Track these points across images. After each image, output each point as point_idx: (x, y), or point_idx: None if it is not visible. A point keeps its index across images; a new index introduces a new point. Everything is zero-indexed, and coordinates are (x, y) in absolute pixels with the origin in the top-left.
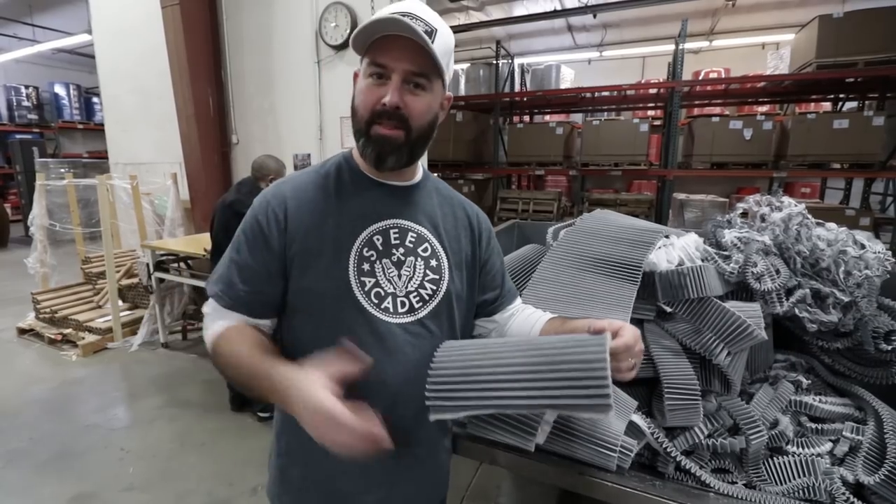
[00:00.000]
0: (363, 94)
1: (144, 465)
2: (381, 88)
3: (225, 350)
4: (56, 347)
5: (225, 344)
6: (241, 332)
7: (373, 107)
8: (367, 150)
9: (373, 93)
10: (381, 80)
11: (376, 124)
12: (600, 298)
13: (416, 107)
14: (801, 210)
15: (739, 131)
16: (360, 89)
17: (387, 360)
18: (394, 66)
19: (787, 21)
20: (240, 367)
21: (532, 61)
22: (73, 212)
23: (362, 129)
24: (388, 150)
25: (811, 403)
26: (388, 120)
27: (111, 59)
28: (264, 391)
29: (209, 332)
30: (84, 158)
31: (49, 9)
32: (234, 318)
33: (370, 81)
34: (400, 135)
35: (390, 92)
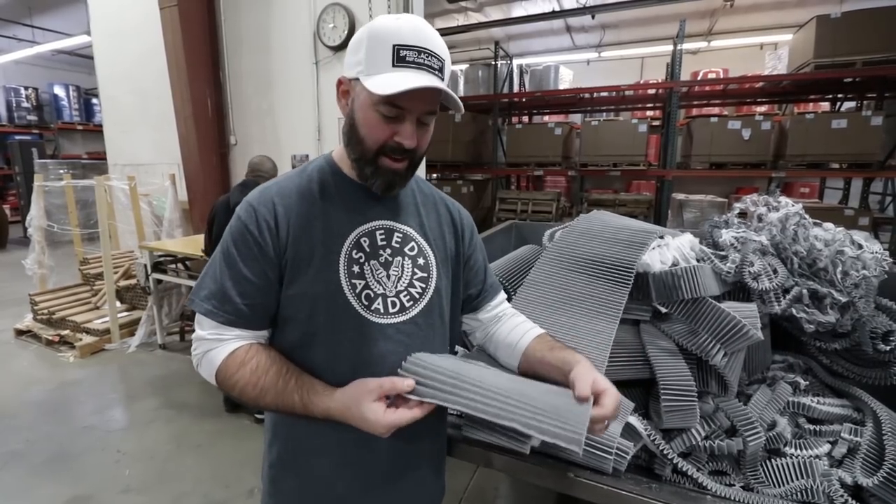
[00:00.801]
0: (373, 129)
1: (141, 467)
2: (393, 125)
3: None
4: (53, 349)
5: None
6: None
7: (384, 141)
8: (375, 181)
9: (384, 129)
10: (394, 119)
11: (385, 156)
12: (589, 303)
13: (423, 142)
14: (799, 210)
15: (738, 131)
16: (367, 120)
17: (380, 362)
18: (412, 108)
19: (784, 21)
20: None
21: (531, 62)
22: (72, 213)
23: (369, 158)
24: (397, 181)
25: (809, 405)
26: (400, 155)
27: (110, 60)
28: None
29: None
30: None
31: (48, 10)
32: (234, 337)
33: (381, 117)
34: (405, 166)
35: (408, 134)
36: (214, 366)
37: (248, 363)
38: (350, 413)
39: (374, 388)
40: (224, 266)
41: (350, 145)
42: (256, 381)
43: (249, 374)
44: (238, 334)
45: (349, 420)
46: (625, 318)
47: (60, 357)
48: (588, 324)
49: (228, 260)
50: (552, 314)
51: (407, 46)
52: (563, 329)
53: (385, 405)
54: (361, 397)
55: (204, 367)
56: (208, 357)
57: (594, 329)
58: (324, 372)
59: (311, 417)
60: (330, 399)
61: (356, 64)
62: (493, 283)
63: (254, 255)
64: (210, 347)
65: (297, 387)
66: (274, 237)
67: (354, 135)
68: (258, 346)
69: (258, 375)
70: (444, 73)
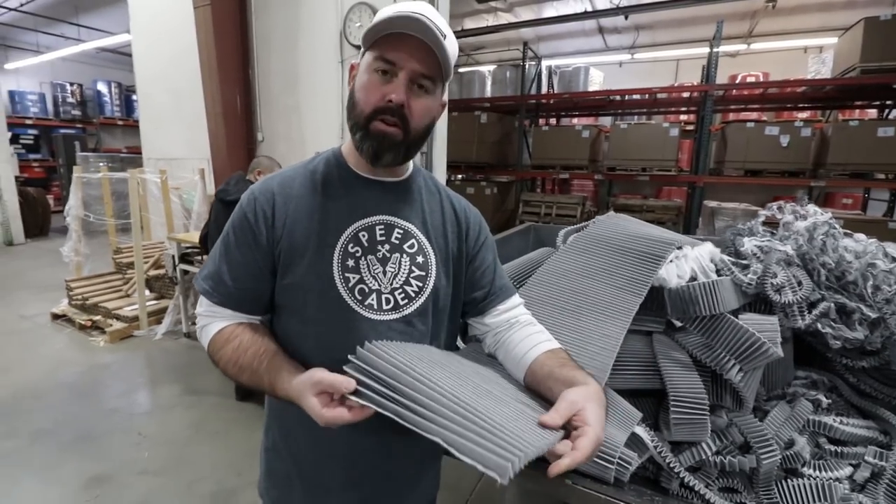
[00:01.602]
0: (366, 89)
1: (160, 451)
2: (385, 85)
3: (224, 356)
4: (86, 333)
5: (222, 349)
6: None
7: (375, 103)
8: (364, 145)
9: (377, 89)
10: (387, 77)
11: (376, 120)
12: (598, 306)
13: (418, 108)
14: (828, 219)
15: (776, 137)
16: (362, 83)
17: None
18: (403, 63)
19: (830, 24)
20: (241, 373)
21: (561, 63)
22: (107, 203)
23: (361, 123)
24: (386, 146)
25: (831, 424)
26: (390, 117)
27: (147, 60)
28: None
29: (203, 333)
30: (122, 153)
31: (93, 9)
32: (226, 316)
33: (375, 77)
34: (398, 132)
35: (397, 89)
36: (206, 340)
37: (232, 341)
38: (300, 402)
39: (316, 381)
40: (223, 250)
41: (349, 117)
42: (237, 359)
43: (231, 352)
44: (230, 315)
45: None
46: (637, 329)
47: (92, 341)
48: (595, 325)
49: (227, 244)
50: (557, 314)
51: (405, 11)
52: (568, 330)
53: (326, 400)
54: (306, 388)
55: (202, 339)
56: (205, 331)
57: (602, 332)
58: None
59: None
60: (289, 385)
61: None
62: (503, 286)
63: (248, 243)
64: (205, 323)
65: (267, 369)
66: (269, 227)
67: (351, 101)
68: (246, 325)
69: (238, 353)
70: (445, 45)
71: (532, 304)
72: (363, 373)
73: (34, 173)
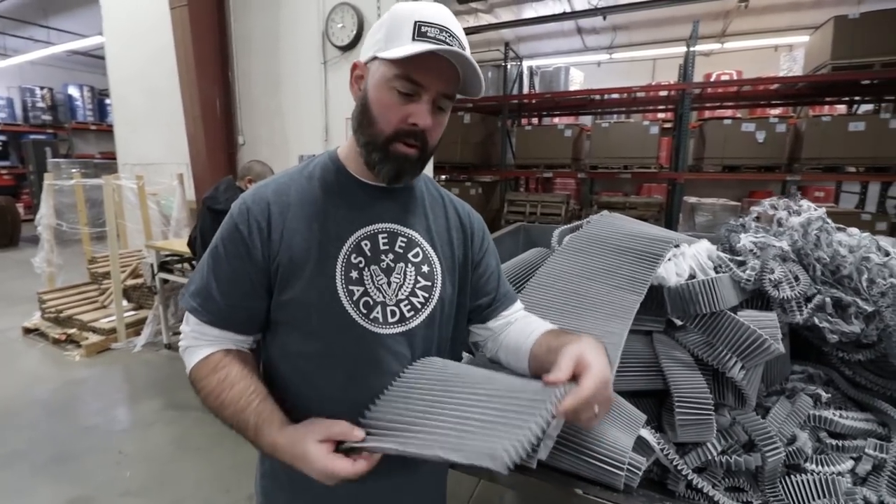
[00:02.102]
0: (386, 107)
1: (142, 469)
2: (408, 106)
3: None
4: (60, 347)
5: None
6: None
7: (398, 124)
8: (383, 168)
9: (400, 109)
10: (409, 98)
11: (398, 142)
12: (600, 307)
13: (437, 129)
14: (822, 214)
15: (752, 134)
16: (381, 100)
17: (377, 374)
18: (430, 85)
19: (800, 23)
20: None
21: (541, 63)
22: (81, 211)
23: (379, 144)
24: (407, 168)
25: (831, 418)
26: (413, 140)
27: (121, 60)
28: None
29: (187, 355)
30: (96, 159)
31: (63, 11)
32: (214, 337)
33: (397, 96)
34: (416, 153)
35: (424, 114)
36: (189, 365)
37: (218, 371)
38: (293, 451)
39: (324, 426)
40: (211, 264)
41: (360, 129)
42: (220, 392)
43: (216, 384)
44: (218, 335)
45: (289, 459)
46: (637, 329)
47: (66, 356)
48: (598, 326)
49: (216, 258)
50: (559, 317)
51: (429, 23)
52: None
53: (331, 448)
54: (308, 434)
55: (185, 359)
56: (188, 354)
57: (605, 329)
58: (318, 381)
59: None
60: (280, 433)
61: (374, 44)
62: (507, 292)
63: (240, 256)
64: (190, 345)
65: (255, 411)
66: (264, 240)
67: (366, 116)
68: (235, 355)
69: (223, 388)
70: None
71: (532, 308)
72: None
73: (3, 181)
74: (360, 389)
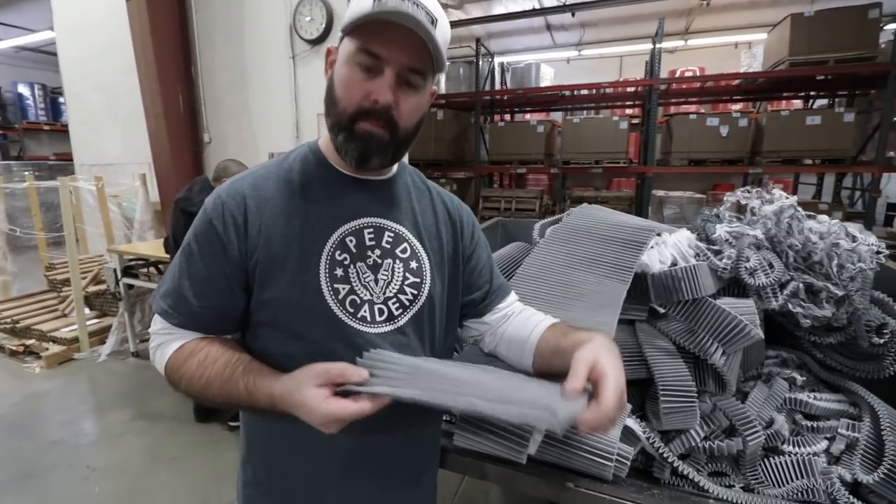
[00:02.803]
0: (346, 85)
1: (112, 484)
2: (370, 82)
3: (186, 371)
4: (18, 359)
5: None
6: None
7: (359, 102)
8: (348, 148)
9: (360, 86)
10: (371, 73)
11: (361, 121)
12: (588, 298)
13: (407, 108)
14: (793, 202)
15: (716, 128)
16: (343, 78)
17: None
18: (390, 58)
19: (759, 21)
20: (208, 387)
21: (512, 60)
22: (36, 216)
23: (344, 123)
24: (374, 148)
25: (806, 401)
26: (376, 118)
27: (73, 55)
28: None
29: (159, 353)
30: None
31: (10, 5)
32: (188, 339)
33: (357, 72)
34: (385, 134)
35: (383, 89)
36: (163, 359)
37: (196, 354)
38: (292, 398)
39: (320, 371)
40: (183, 263)
41: (328, 113)
42: (203, 372)
43: (196, 366)
44: (192, 337)
45: (290, 407)
46: (621, 319)
47: (25, 368)
48: (587, 316)
49: (189, 257)
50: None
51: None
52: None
53: (329, 392)
54: (305, 380)
55: (157, 361)
56: (160, 350)
57: (596, 320)
58: None
59: (255, 409)
60: (274, 382)
61: (342, 27)
62: (501, 285)
63: (215, 253)
64: (162, 341)
65: (243, 373)
66: (241, 236)
67: (331, 97)
68: (212, 338)
69: (205, 366)
70: (435, 29)
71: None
72: (374, 366)
73: None
74: None
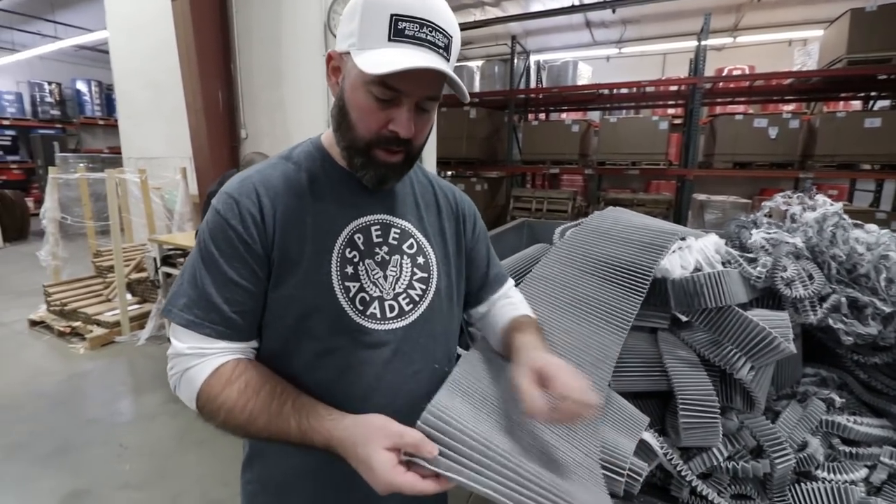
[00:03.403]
0: (365, 114)
1: (142, 463)
2: (387, 111)
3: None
4: (65, 340)
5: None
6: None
7: (377, 130)
8: (366, 172)
9: (377, 115)
10: (390, 103)
11: (378, 149)
12: (596, 309)
13: (422, 131)
14: (838, 209)
15: (764, 130)
16: (358, 104)
17: (377, 372)
18: (410, 92)
19: (814, 17)
20: (253, 421)
21: (549, 58)
22: (86, 205)
23: (360, 149)
24: (392, 174)
25: (845, 424)
26: (395, 146)
27: (124, 54)
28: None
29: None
30: (104, 154)
31: (70, 6)
32: (219, 351)
33: (374, 100)
34: (401, 158)
35: (404, 122)
36: (196, 386)
37: (235, 381)
38: (355, 451)
39: (394, 432)
40: (203, 269)
41: (339, 131)
42: (245, 403)
43: (237, 395)
44: (223, 347)
45: (349, 457)
46: (641, 326)
47: (71, 348)
48: (591, 333)
49: (209, 261)
50: (554, 314)
51: (407, 17)
52: (563, 333)
53: (397, 458)
54: (375, 438)
55: (183, 388)
56: (188, 376)
57: (598, 341)
58: (312, 382)
59: (305, 448)
60: (335, 426)
61: (348, 35)
62: (496, 275)
63: (240, 255)
64: (190, 364)
65: (294, 410)
66: (261, 232)
67: (344, 119)
68: (247, 361)
69: (248, 396)
70: (451, 52)
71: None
72: (435, 438)
73: (13, 175)
74: (359, 390)
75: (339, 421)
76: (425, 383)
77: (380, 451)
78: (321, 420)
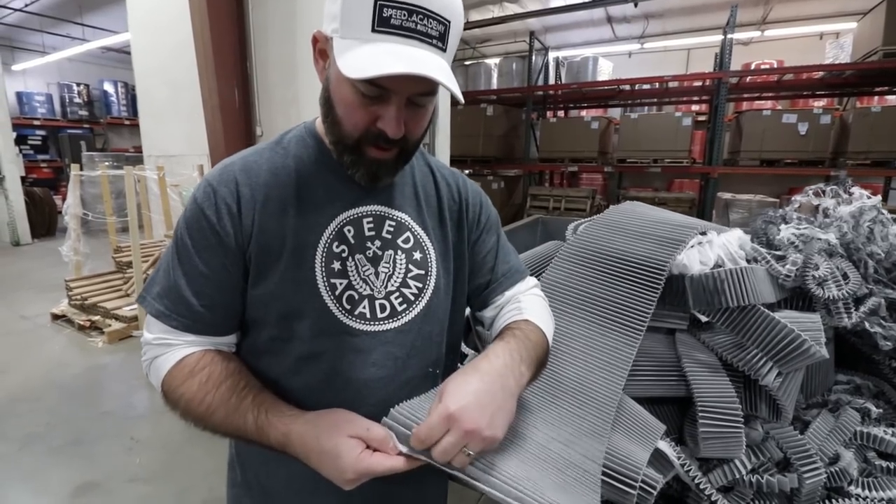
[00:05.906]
0: (351, 110)
1: (152, 457)
2: (374, 108)
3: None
4: (85, 333)
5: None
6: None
7: (365, 127)
8: (356, 169)
9: (364, 112)
10: (377, 100)
11: (369, 146)
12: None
13: (415, 125)
14: (876, 203)
15: (794, 126)
16: (344, 100)
17: (365, 377)
18: (398, 89)
19: (847, 8)
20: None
21: (569, 54)
22: (107, 202)
23: (349, 146)
24: (384, 171)
25: (881, 437)
26: (385, 143)
27: (145, 53)
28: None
29: (154, 367)
30: (129, 153)
31: (97, 8)
32: (189, 343)
33: (359, 97)
34: (395, 155)
35: (392, 121)
36: (160, 375)
37: (197, 374)
38: (318, 443)
39: (361, 426)
40: (177, 259)
41: (326, 123)
42: (204, 396)
43: (197, 388)
44: (190, 340)
45: (310, 451)
46: (658, 327)
47: (90, 342)
48: (603, 338)
49: (182, 252)
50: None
51: (393, 3)
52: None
53: (363, 446)
54: (342, 428)
55: (151, 376)
56: (155, 365)
57: (611, 345)
58: (294, 387)
59: (261, 446)
60: (295, 420)
61: (332, 18)
62: (507, 271)
63: (211, 246)
64: (157, 353)
65: (253, 405)
66: (236, 224)
67: (331, 113)
68: (214, 353)
69: (207, 390)
70: (448, 40)
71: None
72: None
73: (42, 174)
74: (344, 396)
75: (301, 416)
76: (419, 391)
77: (346, 438)
78: (280, 416)
